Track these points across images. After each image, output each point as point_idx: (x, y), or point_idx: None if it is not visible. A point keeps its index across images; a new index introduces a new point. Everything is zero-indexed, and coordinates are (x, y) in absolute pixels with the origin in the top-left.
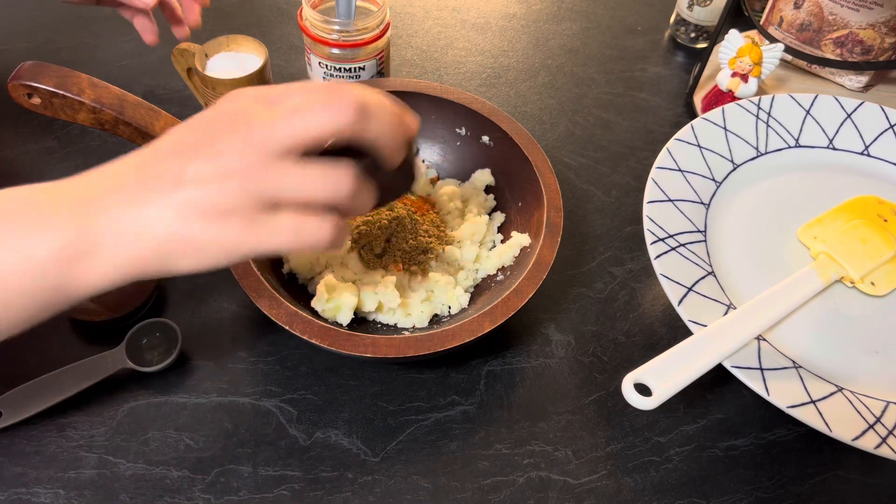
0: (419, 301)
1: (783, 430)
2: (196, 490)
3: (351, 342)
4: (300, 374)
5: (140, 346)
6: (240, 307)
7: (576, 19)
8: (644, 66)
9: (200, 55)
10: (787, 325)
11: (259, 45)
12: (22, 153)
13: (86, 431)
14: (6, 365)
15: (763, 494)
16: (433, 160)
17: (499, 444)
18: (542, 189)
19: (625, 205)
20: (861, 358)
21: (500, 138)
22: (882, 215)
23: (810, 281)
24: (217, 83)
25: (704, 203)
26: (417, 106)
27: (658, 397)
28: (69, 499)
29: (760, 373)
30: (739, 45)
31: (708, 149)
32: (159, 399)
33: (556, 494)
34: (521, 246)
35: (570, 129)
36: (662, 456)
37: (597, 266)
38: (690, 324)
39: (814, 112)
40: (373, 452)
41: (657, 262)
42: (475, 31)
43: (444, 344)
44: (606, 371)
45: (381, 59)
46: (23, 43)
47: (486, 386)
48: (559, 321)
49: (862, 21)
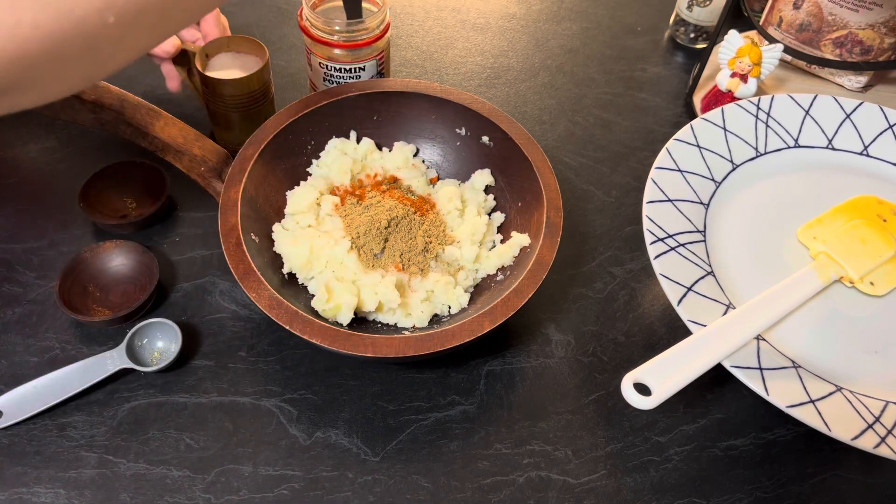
0: (419, 301)
1: (783, 430)
2: (196, 490)
3: (351, 342)
4: (300, 374)
5: (140, 346)
6: (240, 307)
7: (576, 19)
8: (644, 67)
9: (201, 55)
10: (786, 325)
11: (259, 46)
12: (22, 153)
13: (86, 431)
14: (6, 365)
15: (763, 494)
16: (433, 160)
17: (499, 444)
18: (542, 189)
19: (625, 205)
20: (860, 358)
21: (500, 138)
22: (881, 215)
23: (810, 281)
24: (217, 83)
25: (704, 203)
26: (417, 106)
27: (658, 397)
28: (69, 499)
29: (760, 372)
30: (739, 46)
31: (707, 149)
32: (159, 399)
33: (556, 494)
34: (521, 246)
35: (570, 129)
36: (662, 456)
37: (597, 266)
38: (690, 324)
39: (813, 112)
40: (373, 452)
41: (657, 262)
42: (475, 31)
43: (444, 344)
44: (606, 371)
45: (381, 60)
46: None
47: (486, 386)
48: (559, 321)
49: (861, 21)
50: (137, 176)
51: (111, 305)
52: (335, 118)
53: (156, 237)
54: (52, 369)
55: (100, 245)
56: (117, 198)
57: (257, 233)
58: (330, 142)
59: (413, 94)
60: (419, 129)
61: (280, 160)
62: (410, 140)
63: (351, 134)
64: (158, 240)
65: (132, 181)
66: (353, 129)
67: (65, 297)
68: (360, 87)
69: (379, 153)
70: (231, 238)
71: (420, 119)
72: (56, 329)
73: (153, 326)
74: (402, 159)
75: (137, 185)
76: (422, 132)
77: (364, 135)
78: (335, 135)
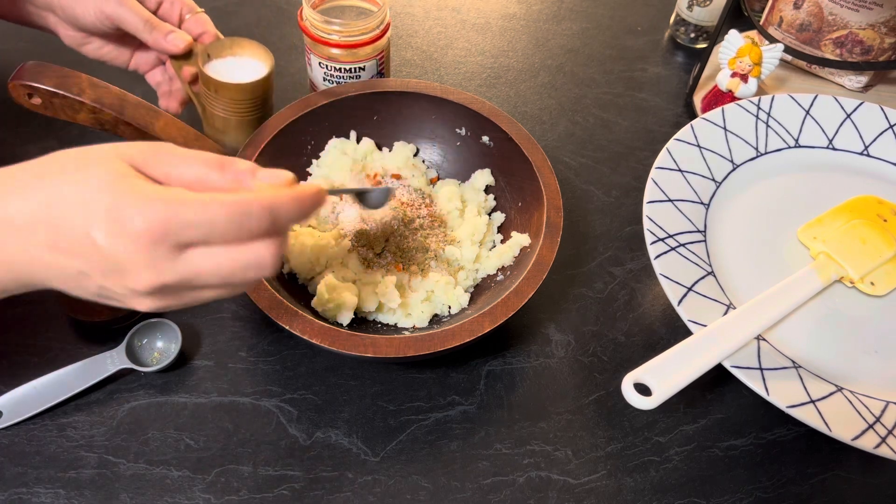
0: (419, 301)
1: (783, 430)
2: (196, 490)
3: (351, 342)
4: (300, 374)
5: (140, 346)
6: (240, 307)
7: (576, 19)
8: (644, 66)
9: (203, 56)
10: (786, 325)
11: (265, 50)
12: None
13: (86, 431)
14: (6, 365)
15: (763, 494)
16: (433, 160)
17: (499, 444)
18: (542, 189)
19: (625, 205)
20: (861, 358)
21: (500, 138)
22: (882, 215)
23: (810, 281)
24: (220, 86)
25: (704, 203)
26: (417, 106)
27: (658, 397)
28: (69, 499)
29: (760, 373)
30: (739, 46)
31: (708, 149)
32: (159, 399)
33: (556, 494)
34: (521, 246)
35: (570, 129)
36: (662, 456)
37: (597, 266)
38: (690, 324)
39: (813, 112)
40: (373, 452)
41: (657, 262)
42: (475, 31)
43: (444, 344)
44: (606, 371)
45: (381, 60)
46: (23, 43)
47: (486, 386)
48: (559, 321)
49: (862, 21)
50: None
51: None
52: (335, 118)
53: None
54: (52, 369)
55: None
56: None
57: None
58: (330, 142)
59: (413, 94)
60: (419, 129)
61: (280, 160)
62: (410, 140)
63: (351, 134)
64: None
65: None
66: (353, 129)
67: (64, 298)
68: (360, 87)
69: (379, 153)
70: None
71: (420, 119)
72: (56, 329)
73: (153, 326)
74: (402, 159)
75: None
76: (422, 132)
77: (364, 135)
78: (335, 135)
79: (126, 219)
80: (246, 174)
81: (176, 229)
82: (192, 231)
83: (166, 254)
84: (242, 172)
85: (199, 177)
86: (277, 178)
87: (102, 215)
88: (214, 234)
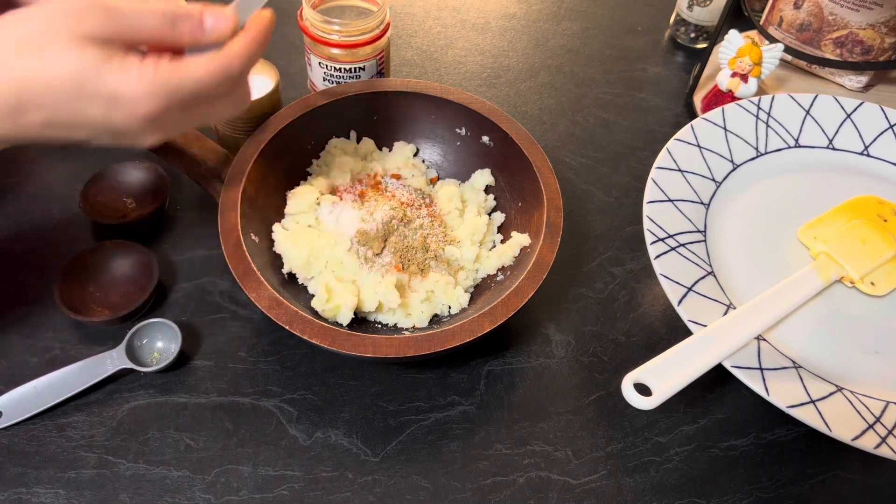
0: (419, 301)
1: (783, 430)
2: (196, 490)
3: (351, 342)
4: (300, 374)
5: (140, 346)
6: (240, 307)
7: (576, 19)
8: (644, 66)
9: None
10: (786, 325)
11: (270, 66)
12: (22, 153)
13: (86, 431)
14: (6, 365)
15: (763, 494)
16: (433, 160)
17: (499, 444)
18: (542, 189)
19: (625, 205)
20: (861, 358)
21: (500, 138)
22: (882, 215)
23: (810, 281)
24: None
25: (704, 203)
26: (417, 106)
27: (658, 397)
28: (69, 499)
29: (760, 373)
30: (739, 46)
31: (708, 149)
32: (159, 399)
33: (556, 494)
34: (521, 246)
35: (570, 129)
36: (662, 456)
37: (597, 266)
38: (690, 324)
39: (813, 112)
40: (373, 452)
41: (657, 262)
42: (475, 31)
43: (444, 344)
44: (606, 371)
45: (381, 59)
46: None
47: (486, 386)
48: (559, 321)
49: (862, 21)
50: (137, 176)
51: (111, 305)
52: (335, 118)
53: (156, 237)
54: (52, 369)
55: (100, 245)
56: (117, 198)
57: (257, 233)
58: (330, 142)
59: (413, 94)
60: (419, 129)
61: (280, 160)
62: (410, 140)
63: (351, 134)
64: (158, 240)
65: (132, 181)
66: (353, 129)
67: (64, 298)
68: (360, 87)
69: (379, 153)
70: (231, 238)
71: (420, 119)
72: (56, 329)
73: (153, 326)
74: (402, 159)
75: (137, 185)
76: (422, 132)
77: (364, 135)
78: (335, 135)
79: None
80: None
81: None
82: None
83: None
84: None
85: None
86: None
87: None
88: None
